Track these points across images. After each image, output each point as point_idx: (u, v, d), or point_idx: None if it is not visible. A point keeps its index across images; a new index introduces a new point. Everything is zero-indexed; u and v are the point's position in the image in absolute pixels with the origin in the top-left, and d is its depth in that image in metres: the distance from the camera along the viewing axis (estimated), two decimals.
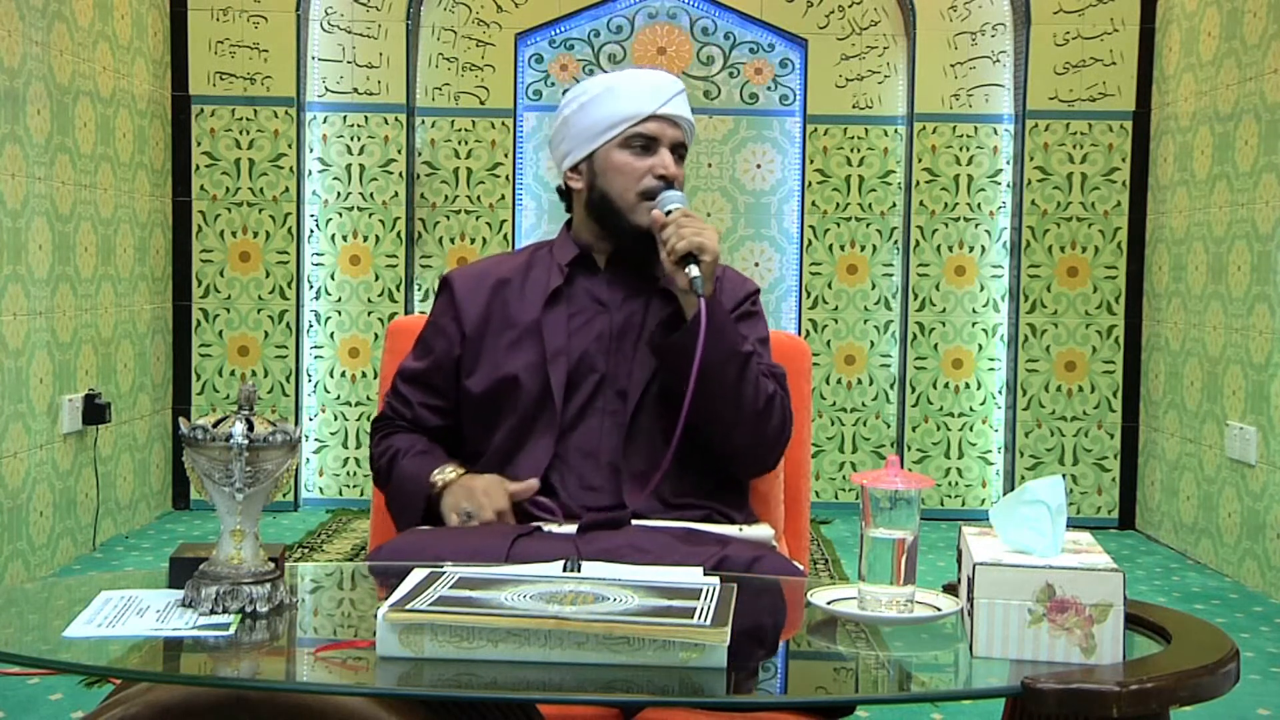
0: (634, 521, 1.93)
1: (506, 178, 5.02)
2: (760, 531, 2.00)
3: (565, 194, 2.15)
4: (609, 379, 2.03)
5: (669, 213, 1.97)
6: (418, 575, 1.47)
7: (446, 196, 5.04)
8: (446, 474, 2.00)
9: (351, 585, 1.80)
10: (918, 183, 4.96)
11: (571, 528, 1.91)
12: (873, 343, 5.11)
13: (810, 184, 5.05)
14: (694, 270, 1.91)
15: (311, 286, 4.99)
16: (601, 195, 2.06)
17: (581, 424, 2.01)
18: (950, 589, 1.56)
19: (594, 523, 1.91)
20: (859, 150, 5.05)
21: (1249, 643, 3.38)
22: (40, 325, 3.82)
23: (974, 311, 5.01)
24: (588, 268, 2.10)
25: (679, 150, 2.07)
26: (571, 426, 2.00)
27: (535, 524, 1.92)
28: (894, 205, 5.06)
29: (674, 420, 1.93)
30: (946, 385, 5.01)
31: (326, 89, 4.95)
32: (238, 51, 4.82)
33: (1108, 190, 4.86)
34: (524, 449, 2.01)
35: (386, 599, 1.37)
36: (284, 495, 1.99)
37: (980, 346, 5.02)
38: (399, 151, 4.94)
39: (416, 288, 5.05)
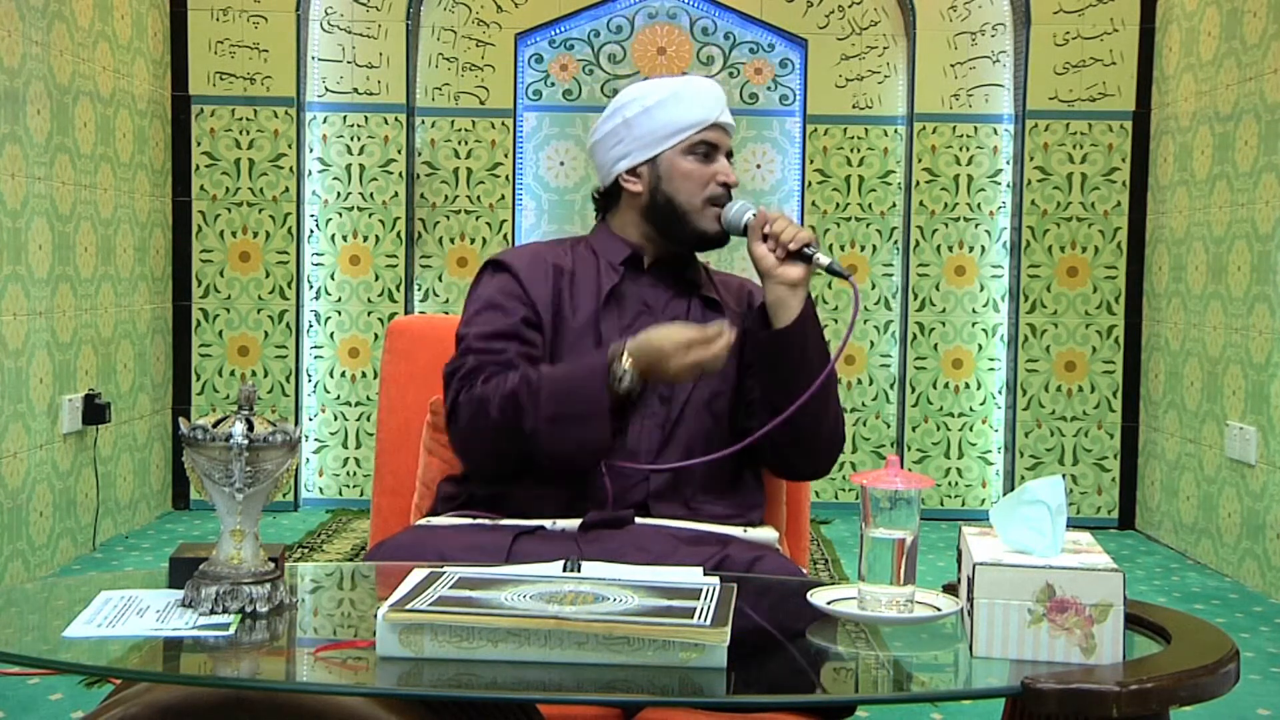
0: (637, 520, 1.93)
1: (506, 178, 5.02)
2: (764, 534, 2.00)
3: (609, 195, 2.12)
4: (651, 382, 2.00)
5: (768, 213, 2.01)
6: (418, 575, 1.47)
7: (446, 196, 5.04)
8: (621, 348, 1.87)
9: (351, 585, 1.80)
10: (918, 183, 4.96)
11: (574, 524, 1.91)
12: (873, 343, 5.11)
13: (810, 184, 5.05)
14: (825, 257, 1.96)
15: (311, 286, 4.99)
16: (667, 200, 2.06)
17: (625, 426, 2.00)
18: (950, 589, 1.56)
19: (596, 521, 1.91)
20: (859, 150, 5.05)
21: (1249, 643, 3.38)
22: (40, 325, 3.82)
23: (974, 311, 5.01)
24: (635, 268, 2.10)
25: (729, 158, 2.11)
26: (618, 428, 2.00)
27: (538, 523, 1.92)
28: (894, 205, 5.06)
29: (714, 428, 1.99)
30: (946, 385, 5.01)
31: (326, 89, 4.95)
32: (238, 51, 4.82)
33: (1108, 190, 4.86)
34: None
35: (386, 599, 1.37)
36: (284, 495, 1.99)
37: (980, 346, 5.02)
38: (399, 151, 4.94)
39: (416, 288, 5.05)
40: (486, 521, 1.96)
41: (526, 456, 1.89)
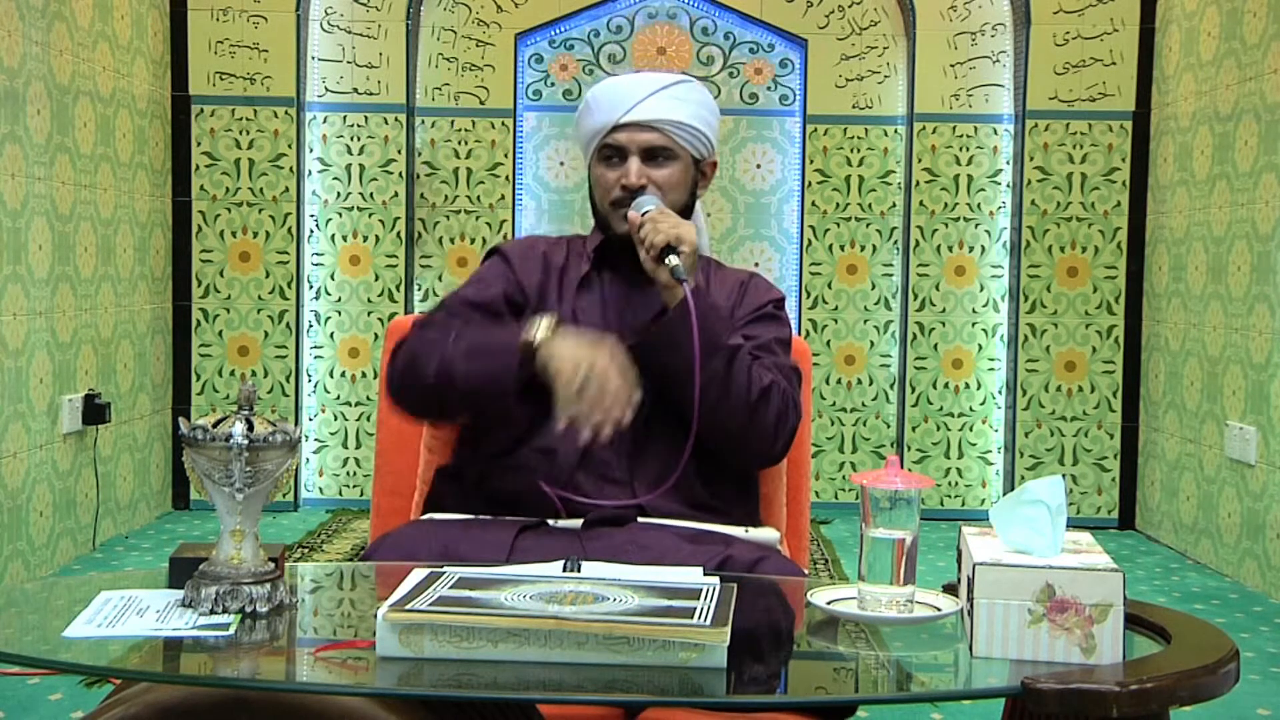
0: (639, 519, 1.93)
1: (506, 178, 5.02)
2: (766, 534, 2.01)
3: None
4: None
5: (645, 214, 1.99)
6: (418, 575, 1.47)
7: (446, 196, 5.04)
8: (542, 325, 1.87)
9: (351, 585, 1.80)
10: (918, 183, 4.96)
11: (576, 523, 1.91)
12: (873, 343, 5.11)
13: (810, 184, 5.05)
14: (673, 259, 1.93)
15: (311, 286, 4.99)
16: (592, 202, 2.13)
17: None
18: (950, 589, 1.56)
19: (599, 519, 1.91)
20: (859, 150, 5.05)
21: (1249, 643, 3.38)
22: (40, 325, 3.82)
23: (974, 311, 5.01)
24: (616, 255, 2.11)
25: (660, 153, 2.06)
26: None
27: (539, 518, 1.93)
28: (894, 205, 5.06)
29: (678, 420, 1.94)
30: (946, 385, 5.01)
31: (326, 89, 4.95)
32: (238, 51, 4.82)
33: (1108, 190, 4.86)
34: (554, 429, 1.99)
35: (386, 599, 1.37)
36: (284, 495, 1.98)
37: (980, 346, 5.02)
38: (399, 151, 4.94)
39: (416, 288, 5.05)
40: (488, 516, 1.96)
41: (441, 385, 1.92)
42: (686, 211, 2.09)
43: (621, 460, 1.97)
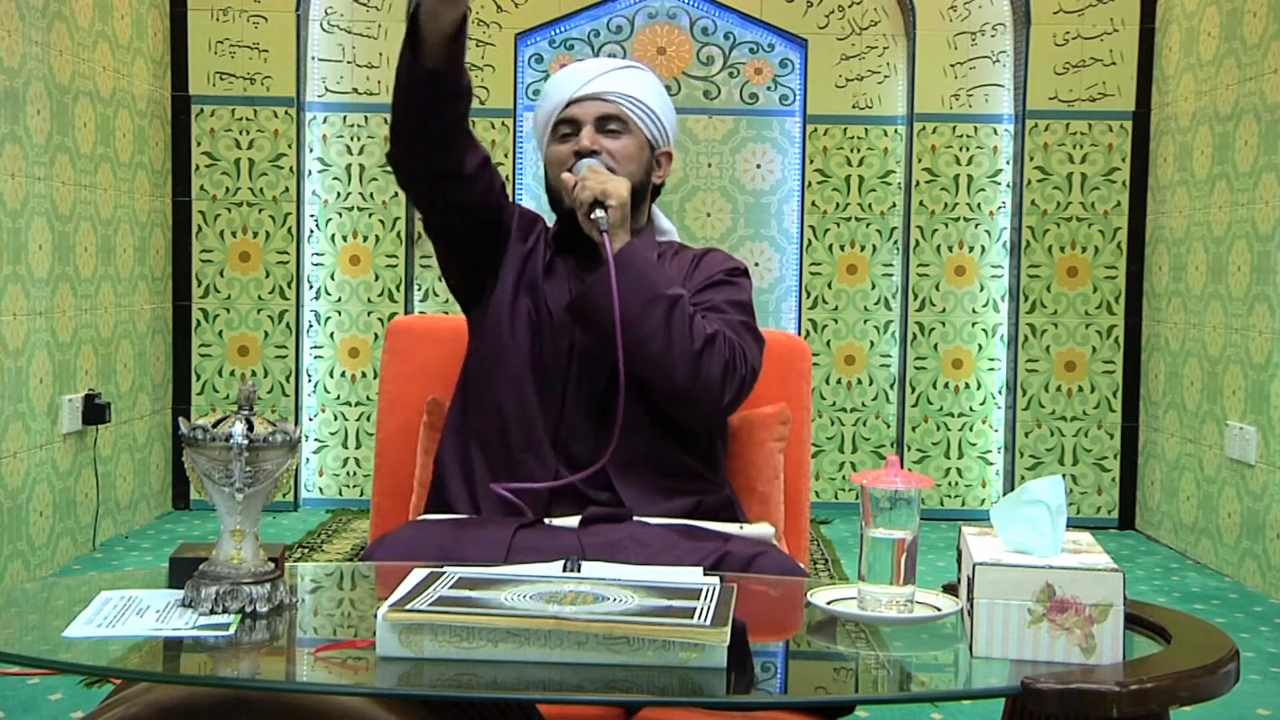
0: (635, 517, 1.93)
1: (507, 178, 5.02)
2: (761, 530, 2.01)
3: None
4: (580, 351, 2.05)
5: (579, 176, 2.03)
6: (417, 575, 1.47)
7: None
8: None
9: (351, 585, 1.79)
10: (918, 183, 4.96)
11: (574, 520, 1.92)
12: (873, 343, 5.11)
13: (810, 184, 5.05)
14: (598, 212, 1.96)
15: (311, 286, 4.99)
16: (551, 188, 2.13)
17: (574, 396, 2.02)
18: (950, 589, 1.56)
19: (596, 516, 1.92)
20: (859, 150, 5.05)
21: (1249, 643, 3.38)
22: (40, 325, 3.82)
23: (974, 311, 5.01)
24: (576, 242, 2.13)
25: (610, 122, 2.09)
26: (564, 399, 2.02)
27: (538, 517, 1.93)
28: (894, 205, 5.06)
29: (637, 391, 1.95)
30: (946, 385, 5.01)
31: (326, 89, 4.95)
32: (238, 51, 4.82)
33: (1108, 190, 4.86)
34: (526, 410, 2.01)
35: (386, 599, 1.37)
36: (284, 495, 1.98)
37: (980, 346, 5.02)
38: None
39: (416, 288, 5.05)
40: (486, 515, 1.97)
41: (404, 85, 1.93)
42: (640, 195, 2.11)
43: (589, 438, 1.99)
